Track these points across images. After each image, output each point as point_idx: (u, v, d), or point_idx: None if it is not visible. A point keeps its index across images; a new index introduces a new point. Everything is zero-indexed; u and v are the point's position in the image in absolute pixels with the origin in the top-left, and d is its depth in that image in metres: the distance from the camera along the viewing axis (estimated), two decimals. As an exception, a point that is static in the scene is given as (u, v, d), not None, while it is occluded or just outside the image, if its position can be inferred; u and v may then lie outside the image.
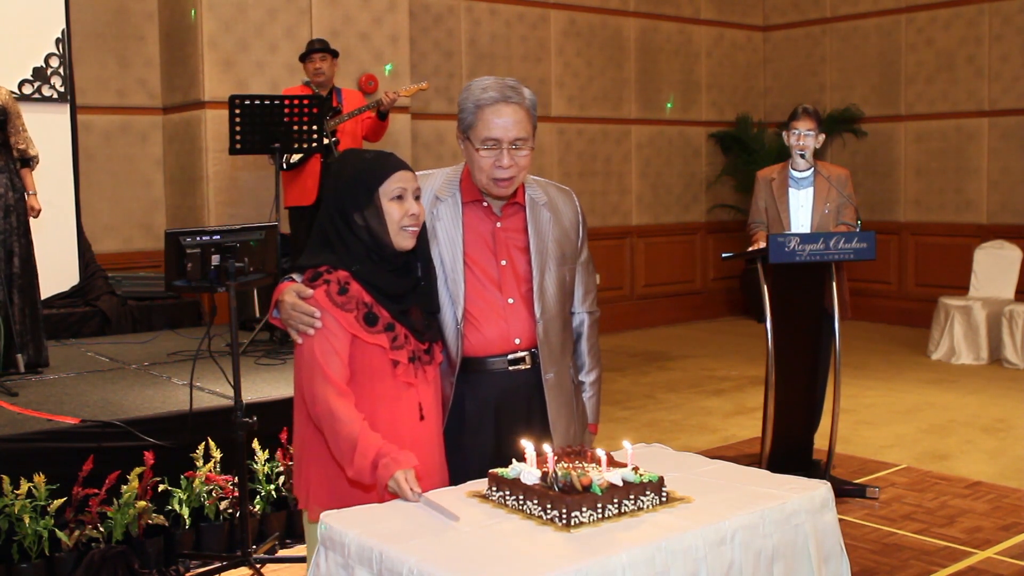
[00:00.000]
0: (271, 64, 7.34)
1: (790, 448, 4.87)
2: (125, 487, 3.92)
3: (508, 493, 2.21)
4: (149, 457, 3.96)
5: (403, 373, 2.46)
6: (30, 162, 5.24)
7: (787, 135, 5.00)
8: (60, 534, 3.81)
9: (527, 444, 2.28)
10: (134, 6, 7.58)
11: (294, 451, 2.61)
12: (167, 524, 4.07)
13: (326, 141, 6.03)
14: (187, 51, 7.30)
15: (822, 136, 4.98)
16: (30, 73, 6.63)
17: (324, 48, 6.31)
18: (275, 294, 2.52)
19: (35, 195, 5.23)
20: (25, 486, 3.76)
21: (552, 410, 2.65)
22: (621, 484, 2.16)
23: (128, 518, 3.92)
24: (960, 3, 9.56)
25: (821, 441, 5.03)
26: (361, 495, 2.40)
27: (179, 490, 4.10)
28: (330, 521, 2.18)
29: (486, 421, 2.62)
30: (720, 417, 6.54)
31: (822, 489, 2.34)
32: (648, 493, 2.18)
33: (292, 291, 2.45)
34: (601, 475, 2.17)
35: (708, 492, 2.29)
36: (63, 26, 6.75)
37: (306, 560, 2.70)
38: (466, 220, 2.63)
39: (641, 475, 2.20)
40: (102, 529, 3.91)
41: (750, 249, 4.90)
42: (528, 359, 2.63)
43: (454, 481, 2.51)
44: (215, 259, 3.94)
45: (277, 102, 5.74)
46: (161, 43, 7.64)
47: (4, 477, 3.76)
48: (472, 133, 2.54)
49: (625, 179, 10.16)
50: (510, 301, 2.62)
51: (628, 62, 10.10)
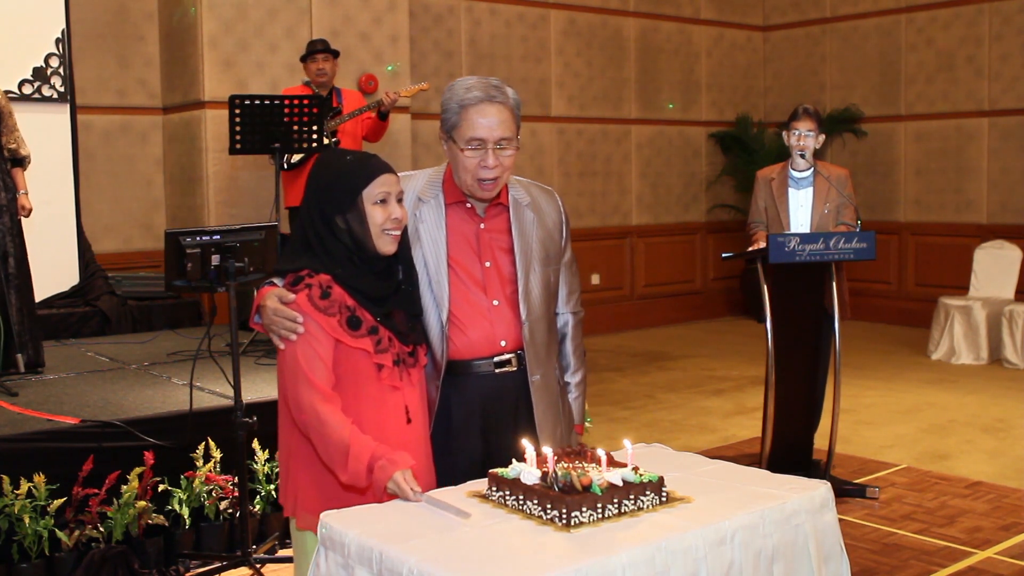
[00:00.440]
0: (271, 64, 7.34)
1: (790, 448, 4.87)
2: (125, 487, 3.92)
3: (508, 493, 2.21)
4: (149, 457, 3.96)
5: (388, 376, 2.43)
6: (22, 162, 5.20)
7: (787, 135, 5.00)
8: (60, 534, 3.81)
9: (527, 444, 2.28)
10: (134, 6, 7.58)
11: (280, 458, 2.57)
12: (167, 524, 4.07)
13: (326, 141, 6.03)
14: (187, 51, 7.30)
15: (822, 136, 4.98)
16: (30, 73, 6.63)
17: (327, 49, 6.32)
18: (256, 299, 2.47)
19: (26, 194, 5.19)
20: (25, 486, 3.76)
21: (538, 412, 2.62)
22: (621, 484, 2.16)
23: (128, 518, 3.91)
24: (960, 3, 9.56)
25: (821, 441, 5.02)
26: (353, 499, 2.37)
27: (179, 490, 4.09)
28: (330, 521, 2.17)
29: (472, 424, 2.59)
30: (720, 417, 6.54)
31: (822, 489, 2.34)
32: (648, 493, 2.18)
33: (274, 296, 2.40)
34: (601, 475, 2.17)
35: (708, 492, 2.28)
36: (63, 26, 6.74)
37: (295, 568, 2.66)
38: (449, 222, 2.60)
39: (641, 475, 2.20)
40: (102, 529, 3.90)
41: (750, 249, 4.90)
42: (514, 361, 2.60)
43: (441, 484, 2.47)
44: (215, 259, 3.94)
45: (277, 102, 5.73)
46: (161, 43, 7.64)
47: (4, 477, 3.76)
48: (456, 133, 2.52)
49: (625, 179, 10.15)
50: (495, 303, 2.58)
51: (628, 62, 10.10)
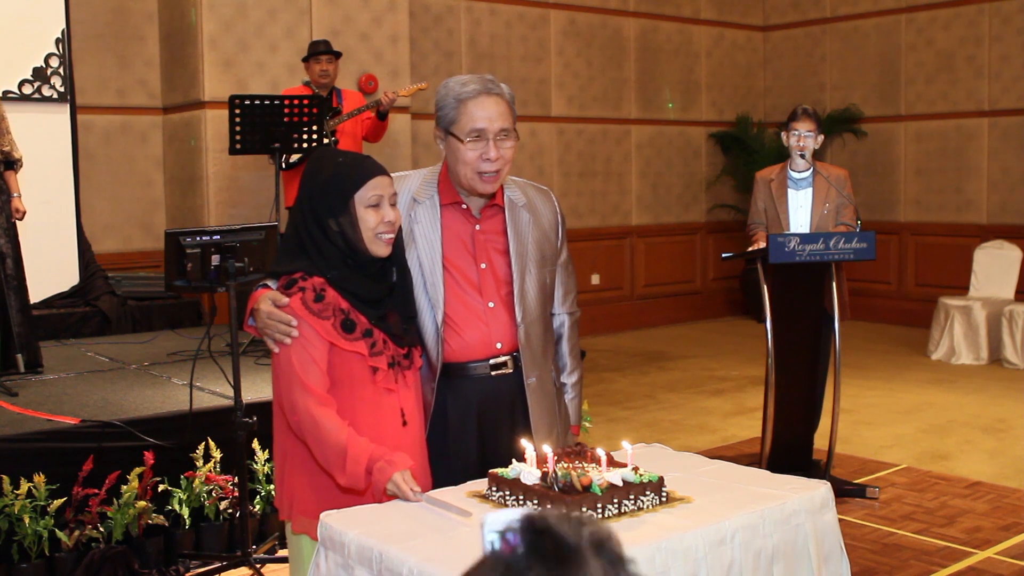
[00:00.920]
0: (271, 64, 7.34)
1: (790, 448, 4.87)
2: (125, 487, 3.92)
3: (508, 493, 2.21)
4: (149, 457, 3.96)
5: (383, 379, 2.41)
6: (14, 164, 5.19)
7: (786, 136, 5.00)
8: (60, 534, 3.81)
9: (527, 444, 2.28)
10: (134, 6, 7.57)
11: (275, 461, 2.56)
12: (167, 524, 4.07)
13: (326, 141, 6.02)
14: (187, 51, 7.29)
15: (821, 137, 4.98)
16: (30, 73, 6.62)
17: (329, 50, 6.32)
18: (250, 302, 2.45)
19: (19, 197, 5.17)
20: (25, 486, 3.76)
21: (535, 414, 2.61)
22: (621, 484, 2.16)
23: (128, 518, 3.91)
24: (960, 3, 9.56)
25: (821, 441, 5.02)
26: (351, 500, 2.36)
27: (179, 490, 4.10)
28: (330, 521, 2.18)
29: (468, 426, 2.58)
30: (720, 417, 6.54)
31: (822, 489, 2.34)
32: (648, 493, 2.18)
33: (267, 299, 2.38)
34: (601, 475, 2.17)
35: (708, 492, 2.29)
36: (63, 26, 6.74)
37: (290, 571, 2.64)
38: (444, 223, 2.58)
39: (641, 475, 2.20)
40: (102, 529, 3.91)
41: (750, 249, 4.90)
42: (510, 363, 2.58)
43: (437, 487, 2.46)
44: (215, 259, 3.94)
45: (277, 102, 5.73)
46: (161, 43, 7.64)
47: (4, 477, 3.76)
48: (455, 128, 2.49)
49: (625, 179, 10.15)
50: (490, 305, 2.57)
51: (628, 62, 10.10)
